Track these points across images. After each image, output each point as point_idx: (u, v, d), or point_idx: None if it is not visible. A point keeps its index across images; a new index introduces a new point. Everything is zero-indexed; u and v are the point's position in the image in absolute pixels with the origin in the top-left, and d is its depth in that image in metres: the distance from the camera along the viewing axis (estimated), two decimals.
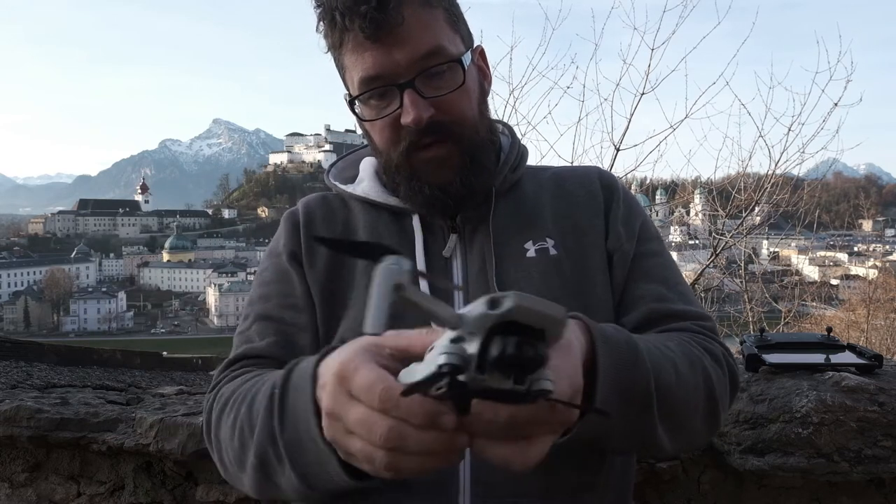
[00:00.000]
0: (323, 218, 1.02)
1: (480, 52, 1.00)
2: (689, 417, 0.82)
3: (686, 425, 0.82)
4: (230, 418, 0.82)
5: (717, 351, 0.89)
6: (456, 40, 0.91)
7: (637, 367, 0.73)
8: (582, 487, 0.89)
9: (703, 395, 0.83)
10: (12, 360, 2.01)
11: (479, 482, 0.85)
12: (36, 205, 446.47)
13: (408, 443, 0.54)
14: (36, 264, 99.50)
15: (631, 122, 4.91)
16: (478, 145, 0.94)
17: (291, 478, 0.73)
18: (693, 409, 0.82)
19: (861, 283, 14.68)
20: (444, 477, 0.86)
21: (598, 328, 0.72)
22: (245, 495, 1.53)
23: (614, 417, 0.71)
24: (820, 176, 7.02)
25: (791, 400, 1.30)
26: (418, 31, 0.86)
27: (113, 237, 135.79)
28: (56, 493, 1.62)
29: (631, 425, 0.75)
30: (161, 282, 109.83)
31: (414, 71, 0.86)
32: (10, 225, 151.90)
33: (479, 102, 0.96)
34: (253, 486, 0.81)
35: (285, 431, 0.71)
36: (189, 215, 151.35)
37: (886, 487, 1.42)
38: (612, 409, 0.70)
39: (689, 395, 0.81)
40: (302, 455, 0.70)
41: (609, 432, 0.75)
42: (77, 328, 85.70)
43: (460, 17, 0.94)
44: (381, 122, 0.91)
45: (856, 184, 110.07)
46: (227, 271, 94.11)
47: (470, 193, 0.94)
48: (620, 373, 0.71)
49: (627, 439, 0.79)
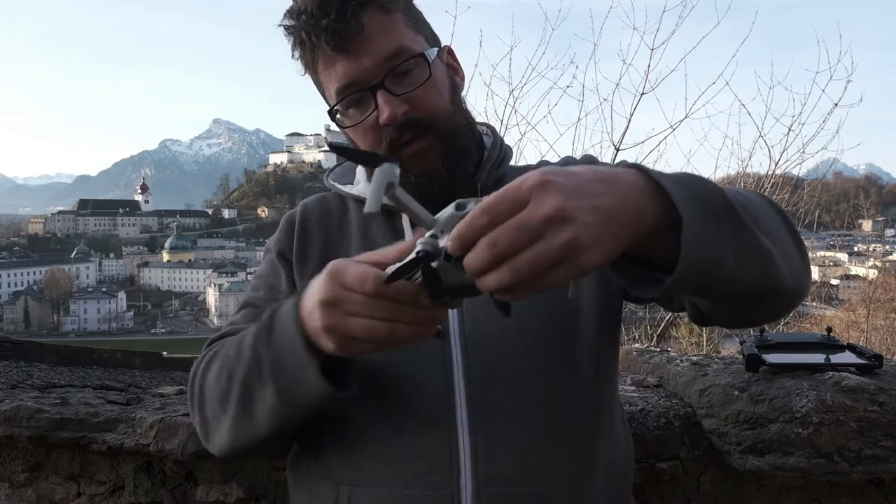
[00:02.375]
0: (319, 217, 1.07)
1: (449, 51, 1.05)
2: (779, 231, 0.77)
3: (782, 240, 0.77)
4: (217, 364, 0.91)
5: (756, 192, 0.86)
6: (418, 39, 0.96)
7: (705, 183, 0.69)
8: (582, 475, 0.90)
9: (777, 213, 0.80)
10: (12, 360, 2.01)
11: (479, 469, 0.86)
12: (36, 205, 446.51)
13: (402, 316, 0.69)
14: (36, 264, 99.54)
15: (631, 121, 4.89)
16: (455, 133, 0.98)
17: (271, 397, 0.82)
18: (777, 224, 0.78)
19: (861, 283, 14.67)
20: (444, 464, 0.87)
21: (646, 166, 0.68)
22: (245, 495, 1.53)
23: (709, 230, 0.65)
24: (820, 176, 7.00)
25: (791, 400, 1.30)
26: (380, 35, 0.92)
27: (113, 237, 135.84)
28: (56, 493, 1.62)
29: (732, 235, 0.68)
30: (161, 282, 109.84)
31: (382, 73, 0.92)
32: (10, 225, 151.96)
33: (452, 94, 1.00)
34: (231, 424, 0.88)
35: (271, 349, 0.81)
36: (189, 215, 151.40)
37: (886, 487, 1.42)
38: (701, 223, 0.65)
39: (763, 211, 0.77)
40: (284, 369, 0.80)
41: (715, 252, 0.66)
42: (77, 328, 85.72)
43: (420, 19, 1.00)
44: (363, 127, 0.96)
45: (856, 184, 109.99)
46: (227, 271, 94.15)
47: (454, 179, 0.97)
48: (690, 189, 0.66)
49: (739, 254, 0.69)
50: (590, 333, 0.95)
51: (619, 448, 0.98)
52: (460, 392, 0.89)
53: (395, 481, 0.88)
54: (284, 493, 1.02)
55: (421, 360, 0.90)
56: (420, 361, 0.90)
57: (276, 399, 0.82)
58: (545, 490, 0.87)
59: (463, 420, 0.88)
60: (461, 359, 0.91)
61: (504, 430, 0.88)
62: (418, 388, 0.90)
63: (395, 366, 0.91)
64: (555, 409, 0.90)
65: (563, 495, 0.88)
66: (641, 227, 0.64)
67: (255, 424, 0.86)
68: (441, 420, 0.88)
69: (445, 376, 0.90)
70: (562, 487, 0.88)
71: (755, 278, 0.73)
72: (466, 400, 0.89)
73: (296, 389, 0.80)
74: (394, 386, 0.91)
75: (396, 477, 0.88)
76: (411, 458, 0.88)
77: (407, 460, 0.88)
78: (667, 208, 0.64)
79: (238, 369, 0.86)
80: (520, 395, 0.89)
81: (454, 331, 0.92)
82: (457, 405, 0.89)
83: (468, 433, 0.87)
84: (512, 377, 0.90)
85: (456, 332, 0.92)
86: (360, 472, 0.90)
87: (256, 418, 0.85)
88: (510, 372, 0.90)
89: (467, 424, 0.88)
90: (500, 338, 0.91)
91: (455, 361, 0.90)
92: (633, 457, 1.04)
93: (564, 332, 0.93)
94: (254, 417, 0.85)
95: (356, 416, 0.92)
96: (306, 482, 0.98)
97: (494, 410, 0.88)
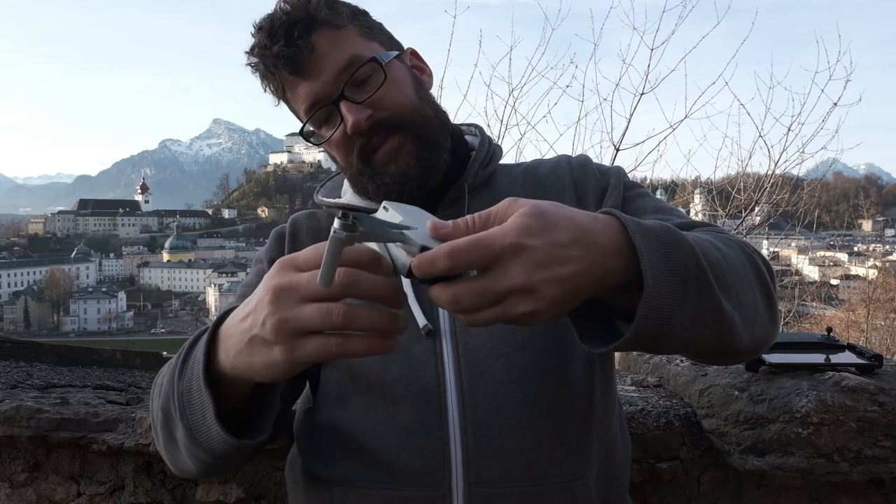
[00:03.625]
0: (308, 229, 1.08)
1: (412, 52, 1.08)
2: (748, 292, 0.76)
3: (748, 302, 0.76)
4: (159, 380, 0.88)
5: (739, 240, 0.84)
6: (372, 47, 0.98)
7: (679, 244, 0.67)
8: (574, 476, 0.89)
9: (752, 271, 0.79)
10: (12, 360, 2.01)
11: (470, 469, 0.86)
12: (36, 205, 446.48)
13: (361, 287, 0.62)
14: (36, 264, 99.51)
15: (630, 121, 4.90)
16: (423, 125, 0.99)
17: (181, 432, 0.78)
18: (748, 284, 0.77)
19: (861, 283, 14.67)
20: (436, 464, 0.87)
21: (627, 217, 0.67)
22: (245, 495, 1.54)
23: (671, 294, 0.64)
24: (820, 176, 7.01)
25: (791, 400, 1.30)
26: (331, 51, 0.94)
27: (113, 237, 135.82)
28: (56, 493, 1.62)
29: (695, 302, 0.67)
30: (161, 282, 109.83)
31: (340, 85, 0.94)
32: (10, 225, 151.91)
33: (417, 90, 1.01)
34: (160, 443, 0.86)
35: (182, 381, 0.77)
36: (189, 215, 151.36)
37: (886, 487, 1.42)
38: (667, 287, 0.64)
39: (738, 270, 0.76)
40: (190, 404, 0.76)
41: (672, 316, 0.65)
42: (77, 328, 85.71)
43: (374, 28, 1.02)
44: (335, 141, 0.98)
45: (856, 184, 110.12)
46: (227, 271, 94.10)
47: (430, 170, 0.98)
48: (663, 249, 0.65)
49: (696, 323, 0.68)
50: None
51: (613, 448, 0.97)
52: (452, 392, 0.89)
53: (387, 482, 0.88)
54: (284, 493, 1.02)
55: (412, 361, 0.90)
56: (411, 362, 0.90)
57: (186, 436, 0.78)
58: (537, 490, 0.87)
59: (454, 420, 0.88)
60: (452, 359, 0.91)
61: (495, 430, 0.88)
62: (409, 388, 0.90)
63: (386, 366, 0.91)
64: (547, 409, 0.90)
65: (555, 495, 0.88)
66: (604, 286, 0.64)
67: (180, 451, 0.83)
68: (432, 420, 0.88)
69: (437, 377, 0.90)
70: (554, 487, 0.88)
71: (709, 342, 0.73)
72: (458, 400, 0.89)
73: (199, 428, 0.76)
74: (385, 386, 0.91)
75: (388, 478, 0.88)
76: (403, 459, 0.88)
77: (399, 461, 0.88)
78: (635, 268, 0.64)
79: (162, 393, 0.84)
80: (511, 395, 0.89)
81: (445, 331, 0.92)
82: (448, 405, 0.89)
83: (459, 433, 0.88)
84: (503, 377, 0.90)
85: (447, 333, 0.92)
86: (353, 473, 0.90)
87: (178, 445, 0.82)
88: (501, 372, 0.90)
89: (459, 425, 0.88)
90: (491, 338, 0.91)
91: (446, 362, 0.90)
92: (629, 457, 1.04)
93: (556, 331, 0.93)
94: (178, 445, 0.82)
95: (348, 417, 0.92)
96: (301, 483, 0.98)
97: (486, 411, 0.88)
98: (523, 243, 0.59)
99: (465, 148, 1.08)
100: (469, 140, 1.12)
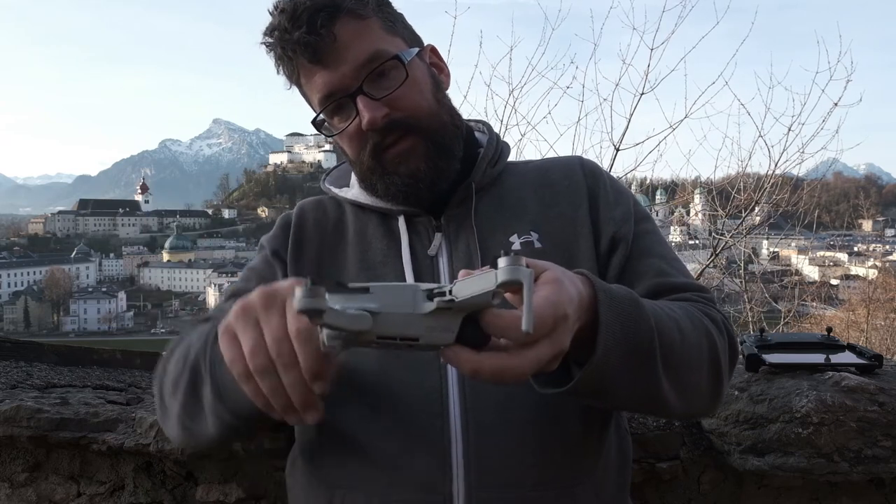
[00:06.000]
0: (315, 219, 1.06)
1: (432, 49, 1.05)
2: (694, 375, 0.83)
3: (691, 383, 0.82)
4: (182, 347, 0.90)
5: (717, 318, 0.90)
6: (395, 42, 0.96)
7: (640, 322, 0.73)
8: (575, 480, 0.89)
9: (707, 356, 0.84)
10: (12, 360, 2.01)
11: (471, 473, 0.86)
12: (36, 205, 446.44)
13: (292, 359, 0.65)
14: (36, 264, 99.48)
15: (630, 121, 4.90)
16: (438, 130, 0.97)
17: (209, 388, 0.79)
18: (697, 368, 0.83)
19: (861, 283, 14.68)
20: (437, 469, 0.87)
21: (601, 283, 0.73)
22: (245, 495, 1.53)
23: (616, 367, 0.71)
24: (820, 176, 7.01)
25: (791, 400, 1.30)
26: (354, 42, 0.92)
27: (113, 237, 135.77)
28: (56, 493, 1.62)
29: (635, 378, 0.75)
30: (161, 282, 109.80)
31: (360, 78, 0.92)
32: (10, 225, 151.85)
33: (434, 92, 1.00)
34: (181, 408, 0.86)
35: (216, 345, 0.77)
36: (189, 215, 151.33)
37: (886, 487, 1.42)
38: (615, 360, 0.71)
39: (692, 353, 0.82)
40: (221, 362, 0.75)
41: (612, 384, 0.74)
42: (77, 328, 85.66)
43: (398, 22, 0.99)
44: (347, 134, 0.96)
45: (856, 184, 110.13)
46: (227, 271, 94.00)
47: (440, 176, 0.97)
48: (623, 325, 0.71)
49: (632, 393, 0.77)
50: None
51: (614, 451, 0.97)
52: (453, 396, 0.89)
53: (388, 486, 0.87)
54: (284, 494, 1.02)
55: (414, 364, 0.90)
56: (413, 365, 0.90)
57: (214, 398, 0.80)
58: (538, 494, 0.87)
59: (456, 424, 0.88)
60: None
61: (496, 434, 0.87)
62: (411, 391, 0.89)
63: (388, 370, 0.91)
64: (547, 413, 0.89)
65: (556, 499, 0.87)
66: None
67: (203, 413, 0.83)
68: (434, 424, 0.88)
69: (438, 381, 0.89)
70: (554, 492, 0.88)
71: (642, 409, 0.85)
72: (459, 404, 0.88)
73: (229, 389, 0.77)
74: (387, 390, 0.90)
75: (389, 481, 0.88)
76: (404, 463, 0.88)
77: (400, 464, 0.88)
78: (592, 324, 0.70)
79: (191, 355, 0.85)
80: (512, 399, 0.88)
81: None
82: (450, 409, 0.88)
83: (461, 437, 0.87)
84: None
85: None
86: (354, 477, 0.90)
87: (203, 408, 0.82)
88: None
89: (460, 429, 0.87)
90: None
91: (448, 365, 0.90)
92: (630, 460, 1.03)
93: None
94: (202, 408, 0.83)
95: (349, 420, 0.91)
96: (302, 485, 0.98)
97: (487, 415, 0.88)
98: (563, 342, 0.65)
99: (473, 146, 1.07)
100: (478, 137, 1.10)
